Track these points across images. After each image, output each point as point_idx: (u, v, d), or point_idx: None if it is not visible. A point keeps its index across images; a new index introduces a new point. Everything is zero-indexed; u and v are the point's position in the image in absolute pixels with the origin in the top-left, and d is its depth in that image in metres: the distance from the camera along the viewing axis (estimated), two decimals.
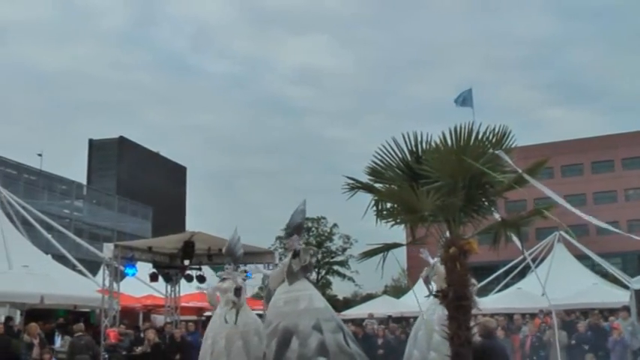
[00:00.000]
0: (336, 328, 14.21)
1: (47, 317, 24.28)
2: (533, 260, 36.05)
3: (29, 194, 57.91)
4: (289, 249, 15.14)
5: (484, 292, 34.38)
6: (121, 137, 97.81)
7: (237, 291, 15.96)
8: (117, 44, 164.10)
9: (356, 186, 10.61)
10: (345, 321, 37.86)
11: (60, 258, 32.01)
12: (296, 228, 15.31)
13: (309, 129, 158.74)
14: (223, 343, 15.49)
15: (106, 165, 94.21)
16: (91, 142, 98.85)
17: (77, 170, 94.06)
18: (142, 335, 22.78)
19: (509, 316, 25.93)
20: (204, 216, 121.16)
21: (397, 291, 72.29)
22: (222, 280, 16.80)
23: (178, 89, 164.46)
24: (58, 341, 21.65)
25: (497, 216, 11.13)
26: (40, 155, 70.44)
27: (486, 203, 10.53)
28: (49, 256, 31.29)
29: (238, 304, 15.79)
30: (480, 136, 9.67)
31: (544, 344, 22.20)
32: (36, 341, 18.77)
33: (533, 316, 26.45)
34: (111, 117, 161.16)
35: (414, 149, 10.28)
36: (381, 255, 10.59)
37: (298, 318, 13.78)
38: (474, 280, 14.00)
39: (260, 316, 25.30)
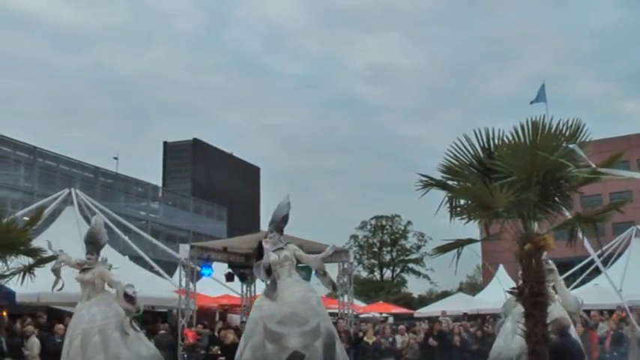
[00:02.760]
0: None
1: None
2: (610, 256, 35.52)
3: (106, 197, 58.93)
4: (275, 244, 14.14)
5: None
6: (195, 139, 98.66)
7: (130, 298, 14.21)
8: (191, 47, 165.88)
9: (429, 183, 10.57)
10: (420, 319, 37.81)
11: (137, 259, 32.45)
12: (282, 221, 14.48)
13: (382, 127, 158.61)
14: (79, 340, 13.76)
15: (180, 167, 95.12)
16: (165, 144, 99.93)
17: (153, 173, 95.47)
18: (217, 335, 22.95)
19: (587, 313, 25.58)
20: None
21: (472, 288, 71.79)
22: (84, 270, 14.80)
23: (251, 90, 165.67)
24: None
25: (567, 214, 10.95)
26: (116, 159, 71.58)
27: (561, 199, 10.39)
28: (127, 257, 31.76)
29: (133, 310, 14.16)
30: (553, 130, 9.54)
31: (623, 341, 21.84)
32: None
33: (611, 312, 26.03)
34: (185, 119, 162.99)
35: (486, 145, 10.20)
36: (455, 251, 10.54)
37: (328, 320, 13.61)
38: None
39: (333, 315, 25.30)
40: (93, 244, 14.99)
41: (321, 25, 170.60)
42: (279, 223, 14.40)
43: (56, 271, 14.89)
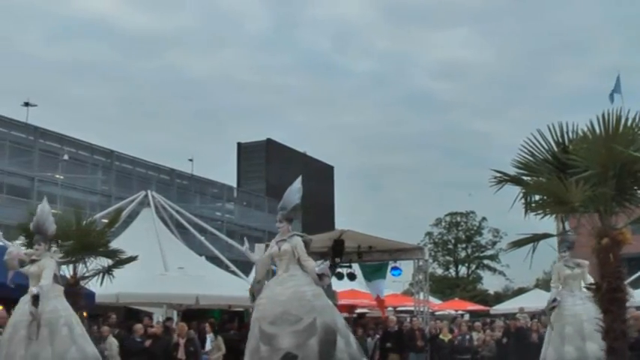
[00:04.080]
0: None
1: (202, 317, 24.88)
2: None
3: (182, 198, 59.61)
4: (284, 234, 13.07)
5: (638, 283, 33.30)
6: (269, 139, 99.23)
7: (36, 300, 12.71)
8: (261, 48, 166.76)
9: (503, 179, 10.49)
10: (496, 315, 37.47)
11: (213, 259, 32.77)
12: (292, 210, 13.54)
13: (454, 123, 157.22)
14: (9, 332, 12.79)
15: (254, 167, 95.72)
16: (239, 145, 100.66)
17: (227, 173, 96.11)
18: None
19: None
20: (352, 214, 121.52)
21: (549, 284, 70.77)
22: (32, 262, 13.63)
23: (322, 89, 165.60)
24: (209, 342, 22.10)
25: None
26: (191, 160, 72.24)
27: (639, 192, 10.23)
28: (203, 257, 32.10)
29: (36, 315, 12.56)
30: (629, 123, 9.40)
31: None
32: (182, 341, 19.23)
33: None
34: (258, 120, 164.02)
35: (560, 140, 10.09)
36: (530, 246, 10.44)
37: (333, 315, 12.29)
38: None
39: (409, 312, 25.23)
40: (40, 233, 13.82)
41: (390, 22, 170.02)
42: (289, 212, 13.48)
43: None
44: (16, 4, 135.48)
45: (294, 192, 13.87)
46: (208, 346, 21.81)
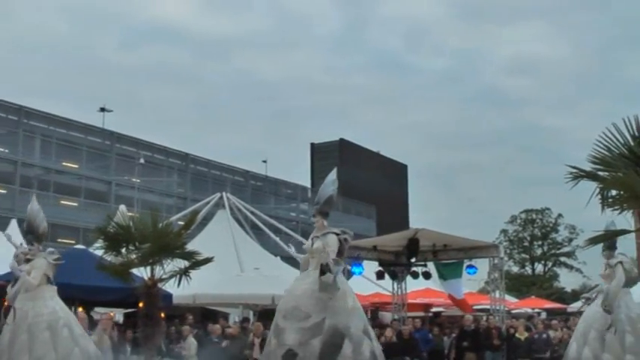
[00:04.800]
0: (375, 336, 12.55)
1: None
2: None
3: (256, 199, 60.02)
4: (320, 229, 12.55)
5: None
6: (342, 139, 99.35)
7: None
8: (332, 48, 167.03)
9: (579, 175, 10.36)
10: (574, 313, 36.95)
11: (288, 259, 32.91)
12: (325, 203, 12.88)
13: (527, 119, 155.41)
14: (8, 336, 12.46)
15: (328, 167, 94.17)
16: (313, 145, 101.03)
17: (301, 174, 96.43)
18: None
19: None
20: (427, 212, 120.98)
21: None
22: (27, 262, 13.35)
23: (394, 88, 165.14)
24: None
25: None
26: (265, 162, 72.72)
27: None
28: (278, 257, 32.30)
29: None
30: None
31: None
32: (258, 341, 19.34)
33: None
34: (330, 120, 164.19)
35: (637, 133, 9.93)
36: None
37: (349, 318, 11.66)
38: None
39: (484, 311, 25.04)
40: (31, 233, 13.60)
41: (460, 18, 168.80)
42: (323, 205, 12.85)
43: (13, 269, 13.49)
44: (91, 12, 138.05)
45: (328, 184, 13.07)
46: None
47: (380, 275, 25.73)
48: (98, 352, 13.29)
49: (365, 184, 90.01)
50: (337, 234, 12.31)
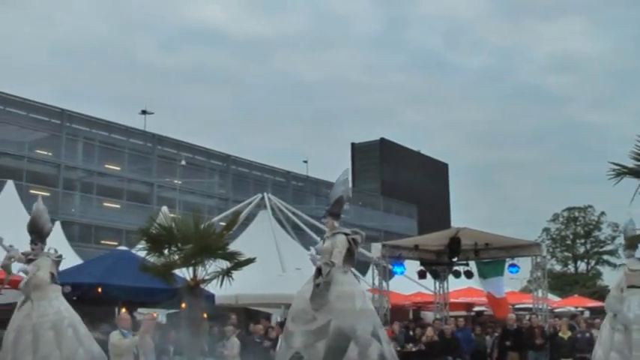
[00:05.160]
0: (388, 338, 12.35)
1: None
2: None
3: (298, 200, 60.12)
4: (331, 230, 12.36)
5: None
6: (382, 139, 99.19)
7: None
8: (371, 48, 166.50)
9: (622, 172, 10.30)
10: None
11: None
12: (336, 204, 12.72)
13: (569, 116, 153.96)
14: (12, 336, 12.52)
15: (369, 167, 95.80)
16: (353, 145, 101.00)
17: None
18: (410, 333, 23.05)
19: None
20: (468, 211, 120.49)
21: None
22: (29, 262, 13.24)
23: (434, 87, 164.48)
24: None
25: None
26: (305, 162, 72.79)
27: None
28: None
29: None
30: None
31: None
32: None
33: None
34: (371, 119, 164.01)
35: None
36: None
37: (356, 320, 11.44)
38: None
39: (527, 310, 24.88)
40: (35, 232, 13.41)
41: (500, 16, 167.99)
42: (332, 206, 12.73)
43: (6, 267, 13.52)
44: (131, 15, 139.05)
45: (338, 185, 12.92)
46: None
47: (422, 275, 25.72)
48: (102, 352, 13.22)
49: (406, 183, 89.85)
50: (347, 234, 12.15)
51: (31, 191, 44.70)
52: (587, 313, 40.18)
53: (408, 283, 28.22)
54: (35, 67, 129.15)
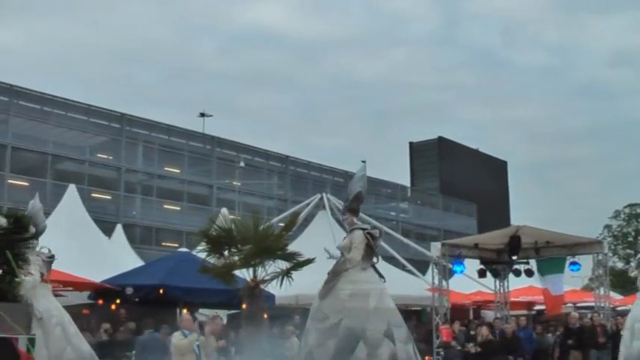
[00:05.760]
0: (407, 338, 11.88)
1: None
2: None
3: None
4: (350, 226, 12.35)
5: None
6: (440, 137, 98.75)
7: None
8: (428, 47, 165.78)
9: None
10: None
11: (390, 259, 32.97)
12: (354, 199, 12.53)
13: (630, 112, 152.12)
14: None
15: (427, 166, 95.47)
16: (411, 144, 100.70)
17: (400, 173, 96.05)
18: (471, 332, 22.98)
19: None
20: (528, 209, 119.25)
21: None
22: None
23: (492, 84, 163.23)
24: None
25: None
26: (364, 162, 72.42)
27: None
28: (379, 257, 32.35)
29: None
30: None
31: None
32: None
33: None
34: (428, 118, 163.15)
35: None
36: None
37: (367, 319, 11.30)
38: None
39: (589, 308, 24.66)
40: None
41: (557, 11, 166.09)
42: (351, 202, 12.60)
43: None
44: (188, 19, 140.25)
45: (356, 181, 12.87)
46: None
47: (482, 273, 25.63)
48: (92, 351, 13.29)
49: (464, 181, 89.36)
50: (364, 229, 12.16)
51: (93, 195, 45.45)
52: None
53: (468, 282, 28.11)
54: (95, 73, 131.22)
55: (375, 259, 12.38)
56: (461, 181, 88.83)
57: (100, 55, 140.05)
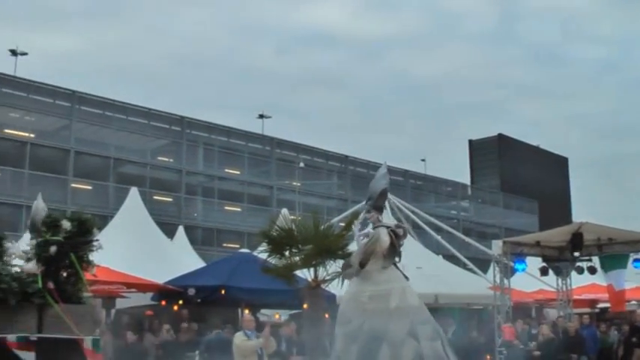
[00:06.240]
0: (434, 334, 11.58)
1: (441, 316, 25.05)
2: None
3: (416, 198, 60.06)
4: (375, 224, 12.01)
5: None
6: (500, 134, 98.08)
7: None
8: (486, 43, 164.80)
9: None
10: None
11: (450, 258, 32.89)
12: (380, 197, 12.34)
13: None
14: None
15: (487, 163, 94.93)
16: (471, 142, 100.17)
17: (460, 171, 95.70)
18: (533, 331, 22.81)
19: None
20: (590, 206, 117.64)
21: None
22: (28, 261, 12.69)
23: (551, 80, 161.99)
24: None
25: None
26: (423, 160, 72.53)
27: None
28: (440, 256, 32.28)
29: None
30: None
31: None
32: None
33: None
34: (487, 115, 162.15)
35: None
36: None
37: (389, 320, 11.11)
38: None
39: None
40: (35, 231, 11.97)
41: (615, 5, 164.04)
42: (376, 200, 12.30)
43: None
44: (246, 21, 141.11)
45: (379, 179, 12.66)
46: None
47: (544, 271, 25.37)
48: None
49: (525, 179, 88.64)
50: (388, 227, 11.93)
51: (155, 197, 45.99)
52: None
53: (530, 280, 27.86)
54: (155, 77, 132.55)
55: (397, 259, 12.18)
56: (521, 179, 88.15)
57: (158, 59, 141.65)
